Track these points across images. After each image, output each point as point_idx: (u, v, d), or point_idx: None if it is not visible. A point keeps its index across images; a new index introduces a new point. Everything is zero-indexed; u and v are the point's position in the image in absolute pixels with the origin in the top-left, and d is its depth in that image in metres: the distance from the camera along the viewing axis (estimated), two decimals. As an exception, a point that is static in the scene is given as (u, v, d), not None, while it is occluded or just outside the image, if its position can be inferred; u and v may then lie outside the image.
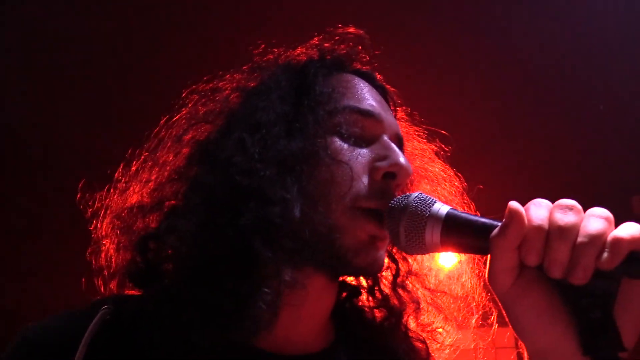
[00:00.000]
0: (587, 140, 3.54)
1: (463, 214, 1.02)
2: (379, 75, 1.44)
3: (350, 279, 1.37)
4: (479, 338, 1.46)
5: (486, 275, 0.94)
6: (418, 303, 1.35)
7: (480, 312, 1.41)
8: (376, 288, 1.37)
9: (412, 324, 1.36)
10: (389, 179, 1.16)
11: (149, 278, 1.18)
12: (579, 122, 3.47)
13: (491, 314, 1.36)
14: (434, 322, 1.38)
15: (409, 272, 1.37)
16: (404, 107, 1.52)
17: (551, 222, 0.86)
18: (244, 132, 1.17)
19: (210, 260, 1.08)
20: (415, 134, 1.52)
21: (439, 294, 1.39)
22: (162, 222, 1.20)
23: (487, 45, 3.20)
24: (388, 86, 1.45)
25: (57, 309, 1.16)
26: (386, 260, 1.36)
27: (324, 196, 1.10)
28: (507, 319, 0.96)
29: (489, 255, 0.92)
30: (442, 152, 1.51)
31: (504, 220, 0.89)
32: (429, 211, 1.04)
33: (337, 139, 1.17)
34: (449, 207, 1.04)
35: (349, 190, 1.11)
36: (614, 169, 3.57)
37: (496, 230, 0.90)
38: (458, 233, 1.01)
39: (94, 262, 1.29)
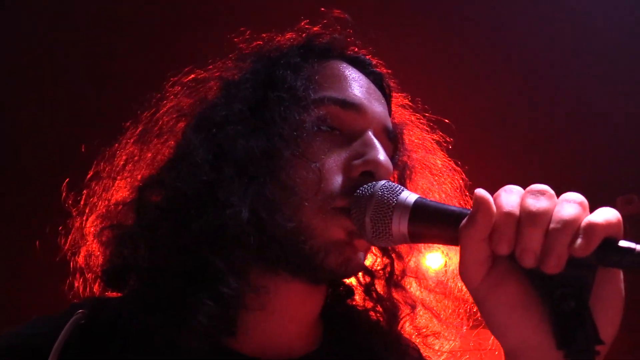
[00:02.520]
0: (572, 141, 3.54)
1: (432, 203, 1.03)
2: (374, 60, 1.41)
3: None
4: (468, 340, 1.44)
5: (457, 269, 0.93)
6: (413, 306, 1.35)
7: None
8: (372, 288, 1.36)
9: (406, 328, 1.36)
10: (366, 177, 1.14)
11: (122, 278, 1.19)
12: (564, 123, 3.46)
13: None
14: (429, 326, 1.37)
15: (405, 272, 1.36)
16: (405, 94, 1.50)
17: (522, 208, 0.86)
18: (194, 132, 1.18)
19: (163, 266, 1.11)
20: (417, 121, 1.51)
21: (437, 296, 1.38)
22: (135, 221, 1.22)
23: (486, 42, 3.21)
24: (384, 70, 1.42)
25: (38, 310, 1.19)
26: (380, 259, 1.36)
27: (287, 199, 1.10)
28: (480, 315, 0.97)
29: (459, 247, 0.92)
30: (444, 144, 1.49)
31: (471, 209, 0.89)
32: (396, 199, 1.04)
33: (305, 136, 1.15)
34: (417, 196, 1.04)
35: (317, 191, 1.11)
36: (600, 169, 3.54)
37: (464, 220, 0.90)
38: (426, 223, 1.01)
39: (73, 262, 1.31)
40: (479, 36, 3.24)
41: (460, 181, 1.46)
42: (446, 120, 1.51)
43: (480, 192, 0.89)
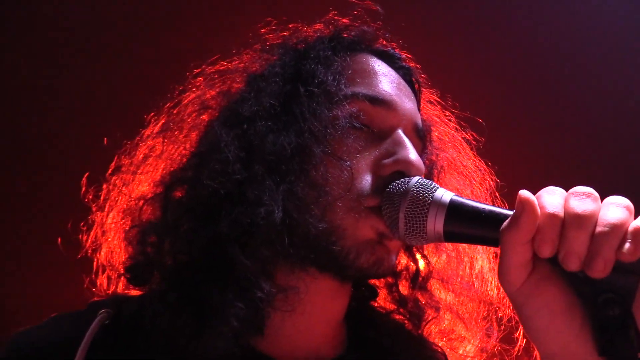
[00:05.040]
0: (588, 141, 3.48)
1: (469, 202, 1.02)
2: (403, 53, 1.42)
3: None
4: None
5: (496, 272, 0.93)
6: (438, 309, 1.35)
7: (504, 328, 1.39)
8: (394, 288, 1.37)
9: (432, 330, 1.37)
10: (397, 176, 1.14)
11: (146, 275, 1.19)
12: (579, 123, 3.43)
13: (517, 329, 1.34)
14: (454, 330, 1.38)
15: (430, 274, 1.36)
16: (434, 90, 1.51)
17: (567, 210, 0.86)
18: (223, 128, 1.17)
19: (189, 265, 1.11)
20: (446, 119, 1.51)
21: (463, 299, 1.39)
22: (158, 218, 1.22)
23: (499, 41, 3.22)
24: (414, 64, 1.42)
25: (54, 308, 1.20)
26: (405, 260, 1.36)
27: (318, 198, 1.10)
28: (519, 320, 0.96)
29: (499, 249, 0.92)
30: (473, 142, 1.49)
31: (514, 211, 0.88)
32: (432, 197, 1.04)
33: (337, 133, 1.15)
34: (453, 194, 1.04)
35: (349, 190, 1.11)
36: (617, 170, 3.47)
37: (507, 222, 0.90)
38: (463, 222, 1.00)
39: (95, 258, 1.32)
40: (509, 34, 3.23)
41: (491, 181, 1.45)
42: (479, 120, 1.51)
43: (525, 193, 0.87)
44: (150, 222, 1.20)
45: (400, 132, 1.20)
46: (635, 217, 0.84)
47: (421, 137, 1.28)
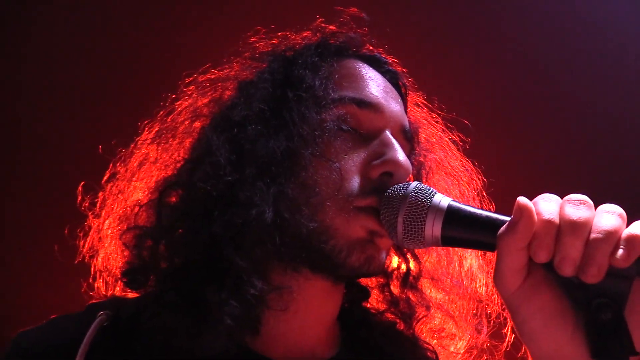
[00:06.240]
0: (573, 141, 3.51)
1: (466, 207, 1.02)
2: (389, 58, 1.42)
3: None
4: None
5: (493, 276, 0.94)
6: (429, 307, 1.36)
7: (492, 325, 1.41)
8: (386, 288, 1.38)
9: (423, 329, 1.38)
10: (386, 177, 1.15)
11: (143, 279, 1.20)
12: (564, 124, 3.45)
13: (505, 325, 1.36)
14: (444, 328, 1.39)
15: (420, 273, 1.38)
16: (421, 93, 1.51)
17: (562, 216, 0.87)
18: (214, 132, 1.18)
19: (184, 267, 1.12)
20: (432, 120, 1.52)
21: (453, 297, 1.40)
22: (153, 222, 1.22)
23: (493, 42, 3.24)
24: (400, 69, 1.43)
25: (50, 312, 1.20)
26: (396, 260, 1.37)
27: (309, 198, 1.11)
28: (512, 323, 0.97)
29: (495, 254, 0.93)
30: (460, 143, 1.50)
31: (512, 216, 0.90)
32: (430, 202, 1.05)
33: (325, 136, 1.16)
34: (450, 199, 1.05)
35: (338, 191, 1.12)
36: (604, 173, 3.49)
37: (504, 227, 0.91)
38: (461, 227, 1.01)
39: (93, 264, 1.32)
40: (494, 37, 3.24)
41: (478, 181, 1.47)
42: (465, 122, 1.52)
43: (523, 200, 0.89)
44: (145, 227, 1.20)
45: (387, 133, 1.21)
46: (628, 225, 0.86)
47: (409, 138, 1.29)
